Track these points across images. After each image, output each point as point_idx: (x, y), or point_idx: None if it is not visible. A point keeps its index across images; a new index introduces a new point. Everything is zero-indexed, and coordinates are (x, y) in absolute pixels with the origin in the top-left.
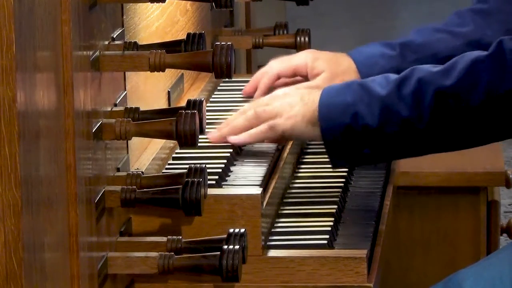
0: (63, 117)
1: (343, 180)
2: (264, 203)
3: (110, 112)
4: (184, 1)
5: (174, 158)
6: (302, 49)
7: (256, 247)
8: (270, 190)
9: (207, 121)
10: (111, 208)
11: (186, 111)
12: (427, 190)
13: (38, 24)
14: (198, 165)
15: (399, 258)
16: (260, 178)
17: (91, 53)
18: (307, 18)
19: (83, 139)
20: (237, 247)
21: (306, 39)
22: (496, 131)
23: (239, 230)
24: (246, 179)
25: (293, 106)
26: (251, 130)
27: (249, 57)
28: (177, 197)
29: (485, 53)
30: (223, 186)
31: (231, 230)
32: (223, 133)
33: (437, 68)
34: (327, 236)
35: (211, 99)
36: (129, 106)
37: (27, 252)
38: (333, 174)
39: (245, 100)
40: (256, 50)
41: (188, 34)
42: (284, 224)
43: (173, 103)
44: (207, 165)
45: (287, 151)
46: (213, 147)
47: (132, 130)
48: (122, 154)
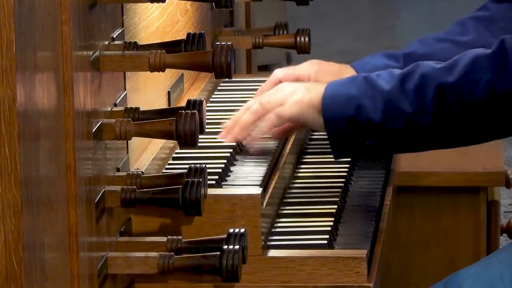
0: (63, 117)
1: (343, 180)
2: (264, 203)
3: (110, 112)
4: (184, 1)
5: (174, 158)
6: (302, 49)
7: (256, 247)
8: (270, 190)
9: (207, 121)
10: (111, 208)
11: (186, 111)
12: (427, 190)
13: (38, 24)
14: (198, 165)
15: (399, 258)
16: (260, 178)
17: (91, 53)
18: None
19: (83, 139)
20: (237, 247)
21: (306, 39)
22: (497, 129)
23: (239, 230)
24: (246, 179)
25: (299, 93)
26: (261, 125)
27: (249, 57)
28: (177, 197)
29: (487, 51)
30: (223, 186)
31: (231, 230)
32: (235, 133)
33: (440, 65)
34: (327, 236)
35: (211, 99)
36: (129, 106)
37: (27, 252)
38: (333, 174)
39: (245, 100)
40: (256, 50)
41: (188, 34)
42: (284, 224)
43: (173, 103)
44: (207, 165)
45: (287, 151)
46: (213, 147)
47: (132, 130)
48: (122, 154)
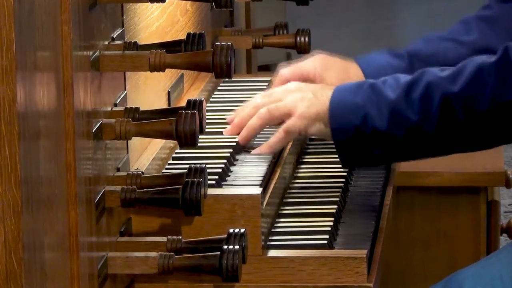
0: (63, 117)
1: (343, 180)
2: (264, 203)
3: (110, 112)
4: (184, 1)
5: (174, 158)
6: (302, 49)
7: (256, 247)
8: (270, 190)
9: (207, 121)
10: (111, 208)
11: (186, 111)
12: (427, 190)
13: (38, 24)
14: (198, 165)
15: (399, 258)
16: (260, 178)
17: (91, 53)
18: (307, 18)
19: (83, 139)
20: (237, 247)
21: (306, 39)
22: (502, 136)
23: (239, 230)
24: (246, 179)
25: (305, 103)
26: (270, 141)
27: (249, 57)
28: (177, 197)
29: (491, 60)
30: (223, 186)
31: (231, 230)
32: (243, 136)
33: (446, 73)
34: (327, 236)
35: (211, 99)
36: (129, 106)
37: (27, 252)
38: (333, 174)
39: (245, 100)
40: (256, 50)
41: (188, 34)
42: (284, 224)
43: (173, 103)
44: (207, 165)
45: (287, 151)
46: (213, 147)
47: (132, 130)
48: (122, 154)
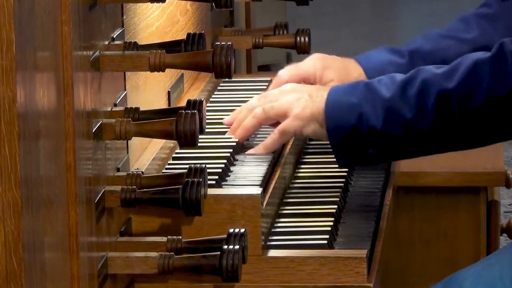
0: (63, 117)
1: (343, 180)
2: (264, 203)
3: (110, 112)
4: (184, 1)
5: (174, 158)
6: (302, 49)
7: (256, 247)
8: (270, 190)
9: (207, 121)
10: (111, 208)
11: (186, 111)
12: (427, 190)
13: (38, 24)
14: (198, 165)
15: (399, 258)
16: (260, 178)
17: (91, 53)
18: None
19: (83, 139)
20: (237, 247)
21: (306, 39)
22: (499, 133)
23: (239, 230)
24: (246, 179)
25: (301, 103)
26: (266, 142)
27: (249, 57)
28: (177, 197)
29: (487, 55)
30: (223, 186)
31: (231, 230)
32: (237, 136)
33: (441, 70)
34: (327, 236)
35: (211, 99)
36: (129, 106)
37: (27, 252)
38: (333, 174)
39: (245, 100)
40: (256, 50)
41: (188, 34)
42: (284, 224)
43: (173, 103)
44: (207, 165)
45: (287, 151)
46: (213, 147)
47: (132, 130)
48: (122, 154)
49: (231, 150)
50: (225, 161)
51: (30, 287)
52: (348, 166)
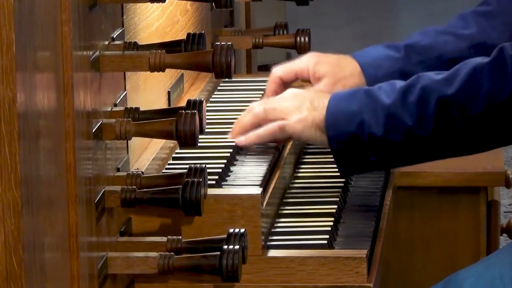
0: (63, 117)
1: (343, 180)
2: (264, 203)
3: (110, 112)
4: (184, 1)
5: (174, 158)
6: (302, 49)
7: (256, 247)
8: (270, 190)
9: (207, 121)
10: (111, 208)
11: (186, 111)
12: (427, 190)
13: (38, 24)
14: (198, 165)
15: (399, 258)
16: (260, 178)
17: (91, 53)
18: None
19: (83, 139)
20: (237, 247)
21: (306, 39)
22: (499, 138)
23: (239, 230)
24: (246, 179)
25: (303, 110)
26: (259, 130)
27: (249, 57)
28: (177, 197)
29: (486, 60)
30: (223, 186)
31: (231, 230)
32: (232, 131)
33: (441, 76)
34: (327, 236)
35: (211, 99)
36: (129, 106)
37: (27, 252)
38: (333, 174)
39: (245, 100)
40: (256, 50)
41: (188, 34)
42: (284, 224)
43: (173, 103)
44: (207, 165)
45: (287, 151)
46: (213, 147)
47: (132, 130)
48: (122, 154)
49: (231, 150)
50: (225, 161)
51: (30, 287)
52: (349, 174)
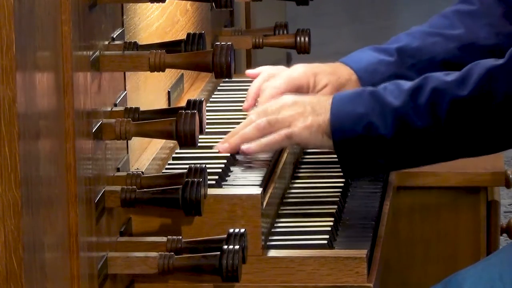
0: (63, 117)
1: (343, 180)
2: (264, 203)
3: (110, 112)
4: (184, 1)
5: (174, 158)
6: (302, 49)
7: (256, 247)
8: (270, 190)
9: (207, 121)
10: (111, 208)
11: (186, 111)
12: (427, 190)
13: (38, 24)
14: (198, 165)
15: (399, 258)
16: (260, 178)
17: (91, 53)
18: (307, 18)
19: (83, 139)
20: (237, 247)
21: (306, 39)
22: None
23: (239, 230)
24: (246, 179)
25: (306, 117)
26: (266, 139)
27: (249, 57)
28: (177, 197)
29: (500, 62)
30: (223, 186)
31: (231, 230)
32: (232, 143)
33: (451, 77)
34: (327, 236)
35: (211, 99)
36: (129, 106)
37: (27, 252)
38: (333, 174)
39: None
40: (256, 50)
41: (188, 34)
42: (284, 224)
43: (173, 103)
44: (207, 165)
45: (287, 151)
46: (213, 147)
47: (132, 130)
48: (122, 154)
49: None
50: (225, 161)
51: (30, 287)
52: (355, 177)
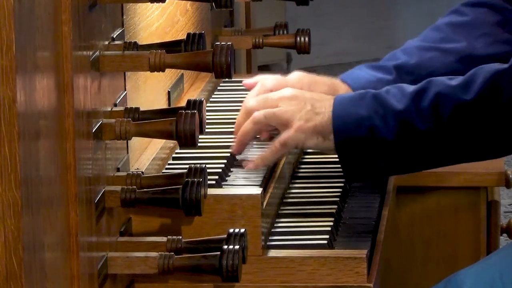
0: (63, 117)
1: (343, 180)
2: (264, 203)
3: (110, 112)
4: (184, 1)
5: (174, 158)
6: (302, 49)
7: (256, 247)
8: (270, 190)
9: (207, 121)
10: (111, 208)
11: (186, 111)
12: (427, 190)
13: (38, 24)
14: (198, 165)
15: (399, 258)
16: (260, 178)
17: (91, 53)
18: (307, 18)
19: (83, 139)
20: (237, 247)
21: (306, 39)
22: None
23: (239, 230)
24: (246, 179)
25: (303, 114)
26: (265, 153)
27: (249, 57)
28: (177, 197)
29: (505, 67)
30: (223, 186)
31: (231, 230)
32: (237, 143)
33: (455, 82)
34: (327, 236)
35: (211, 99)
36: (129, 106)
37: (27, 252)
38: (333, 174)
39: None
40: (256, 50)
41: (188, 34)
42: (284, 224)
43: (173, 103)
44: (207, 165)
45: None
46: (213, 147)
47: (132, 130)
48: (122, 154)
49: (231, 150)
50: (225, 161)
51: (30, 287)
52: (356, 180)
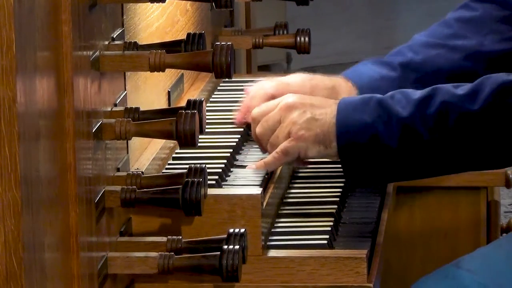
0: (63, 117)
1: (343, 180)
2: (264, 203)
3: (110, 112)
4: (184, 1)
5: (174, 158)
6: (302, 49)
7: (256, 247)
8: (270, 190)
9: (207, 121)
10: (111, 208)
11: (186, 111)
12: (427, 190)
13: (38, 24)
14: (198, 165)
15: (399, 258)
16: (260, 178)
17: (91, 53)
18: (307, 18)
19: (83, 139)
20: (237, 247)
21: (306, 39)
22: None
23: (239, 230)
24: (246, 179)
25: (304, 123)
26: (268, 159)
27: (249, 57)
28: (177, 197)
29: (510, 77)
30: (223, 186)
31: (231, 230)
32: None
33: (462, 91)
34: (327, 236)
35: (211, 99)
36: (129, 106)
37: (27, 252)
38: (333, 174)
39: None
40: (256, 50)
41: (188, 34)
42: (284, 224)
43: (173, 103)
44: (207, 165)
45: None
46: (213, 147)
47: (132, 130)
48: (122, 154)
49: (231, 150)
50: (225, 161)
51: (30, 287)
52: (359, 186)
